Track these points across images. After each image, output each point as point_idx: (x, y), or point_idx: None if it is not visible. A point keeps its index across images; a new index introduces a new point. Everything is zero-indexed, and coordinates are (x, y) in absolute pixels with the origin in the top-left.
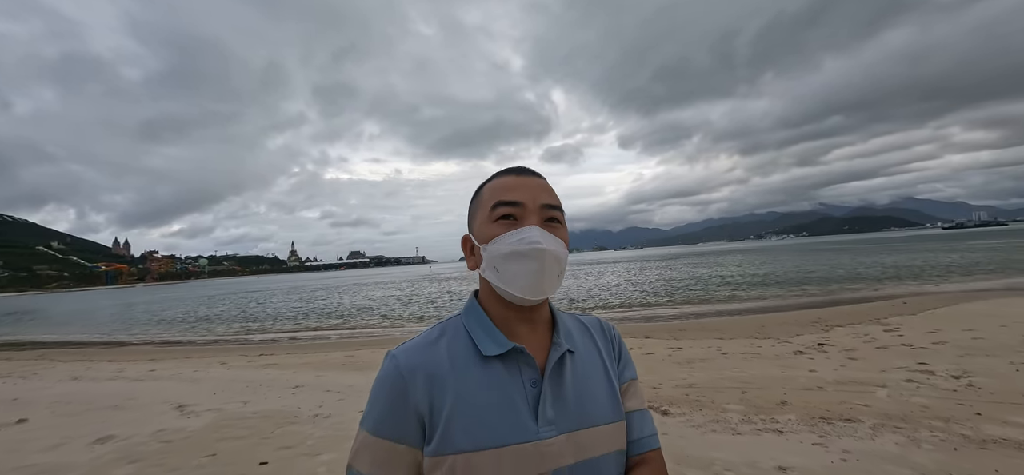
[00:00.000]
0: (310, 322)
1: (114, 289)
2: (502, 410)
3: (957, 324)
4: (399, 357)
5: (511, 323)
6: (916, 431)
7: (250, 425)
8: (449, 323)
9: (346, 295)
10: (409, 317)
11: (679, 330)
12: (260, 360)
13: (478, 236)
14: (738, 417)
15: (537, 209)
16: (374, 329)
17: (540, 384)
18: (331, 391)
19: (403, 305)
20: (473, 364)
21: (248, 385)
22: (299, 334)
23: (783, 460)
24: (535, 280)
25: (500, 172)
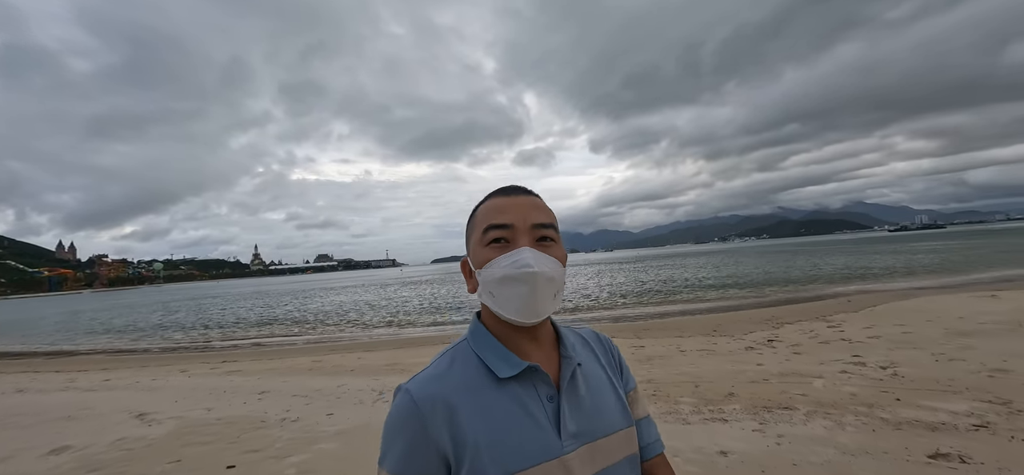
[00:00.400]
0: (275, 328)
1: (58, 296)
2: (528, 431)
3: (891, 320)
4: (413, 391)
5: (518, 342)
6: (843, 416)
7: (215, 431)
8: (457, 349)
9: (313, 299)
10: (379, 321)
11: (643, 330)
12: (223, 367)
13: (474, 260)
14: (689, 408)
15: (528, 229)
16: (342, 334)
17: (557, 399)
18: (299, 396)
19: (373, 310)
20: (489, 388)
21: (211, 392)
22: (263, 340)
23: (725, 445)
24: (528, 303)
25: (492, 193)
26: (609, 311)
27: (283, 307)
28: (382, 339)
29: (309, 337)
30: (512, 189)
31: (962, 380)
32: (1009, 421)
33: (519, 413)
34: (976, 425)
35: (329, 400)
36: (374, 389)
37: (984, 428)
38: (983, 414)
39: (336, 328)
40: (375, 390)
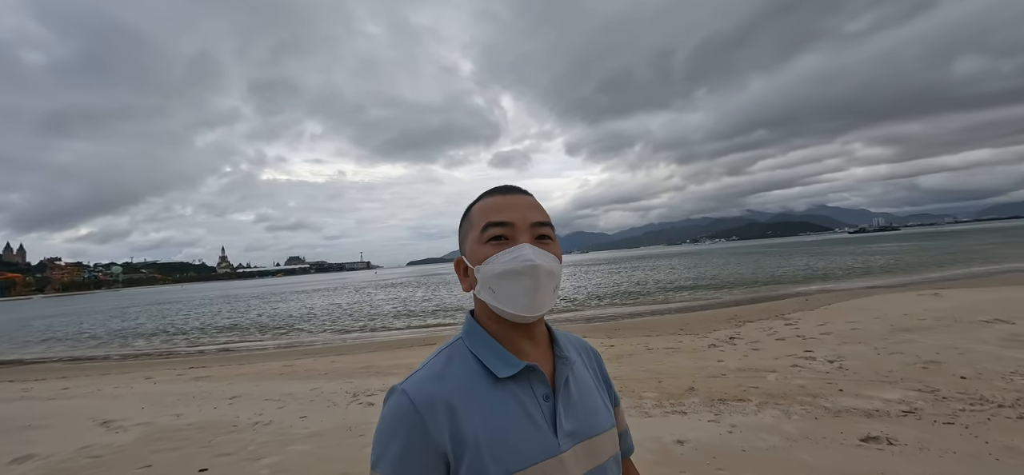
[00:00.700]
0: (244, 332)
1: (6, 301)
2: (526, 430)
3: (843, 317)
4: (410, 391)
5: (514, 340)
6: (791, 406)
7: (186, 436)
8: (453, 348)
9: (284, 303)
10: (352, 325)
11: (614, 329)
12: (190, 373)
13: (471, 257)
14: (651, 402)
15: (528, 227)
16: (315, 338)
17: (553, 398)
18: (271, 399)
19: (346, 313)
20: (487, 387)
21: (180, 398)
22: (232, 345)
23: (682, 435)
24: (531, 297)
25: (488, 192)
26: (582, 312)
27: (252, 311)
28: (356, 343)
29: (280, 342)
30: (509, 188)
31: (898, 371)
32: (934, 407)
33: (518, 413)
34: (905, 411)
35: (302, 403)
36: (348, 392)
37: (912, 414)
38: (912, 401)
39: (309, 332)
40: (349, 392)
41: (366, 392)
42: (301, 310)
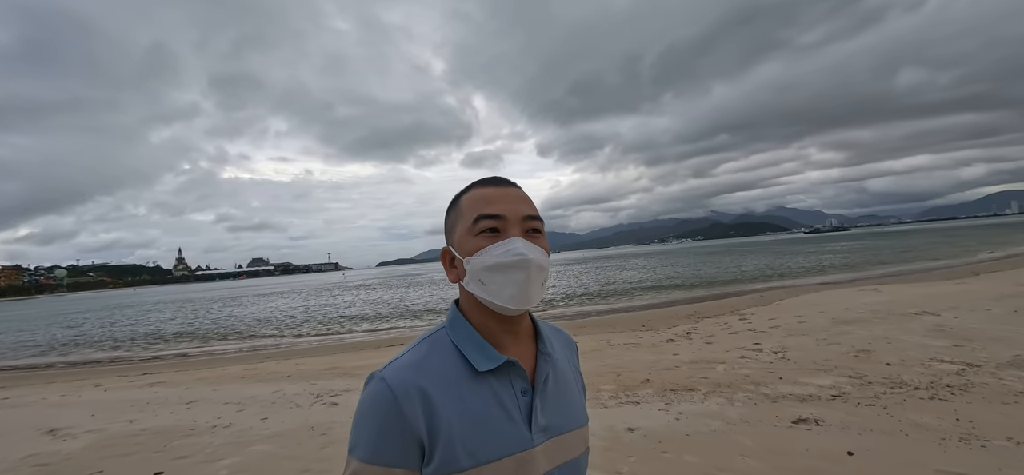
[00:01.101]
0: (203, 337)
1: None
2: (501, 423)
3: (791, 312)
4: (389, 377)
5: (496, 334)
6: (735, 394)
7: (139, 442)
8: (434, 337)
9: (246, 306)
10: (318, 327)
11: (580, 328)
12: (144, 379)
13: (460, 249)
14: (608, 395)
15: (519, 220)
16: (280, 340)
17: (531, 393)
18: (231, 403)
19: (312, 315)
20: (466, 379)
21: (133, 405)
22: (190, 350)
23: (633, 423)
24: (521, 290)
25: (477, 183)
26: (549, 312)
27: (211, 315)
28: (321, 345)
29: (242, 345)
30: (500, 180)
31: (833, 360)
32: (860, 391)
33: (494, 406)
34: (834, 395)
35: (264, 406)
36: (311, 393)
37: (840, 397)
38: (842, 387)
39: (272, 336)
40: (313, 393)
41: (330, 393)
42: (264, 313)
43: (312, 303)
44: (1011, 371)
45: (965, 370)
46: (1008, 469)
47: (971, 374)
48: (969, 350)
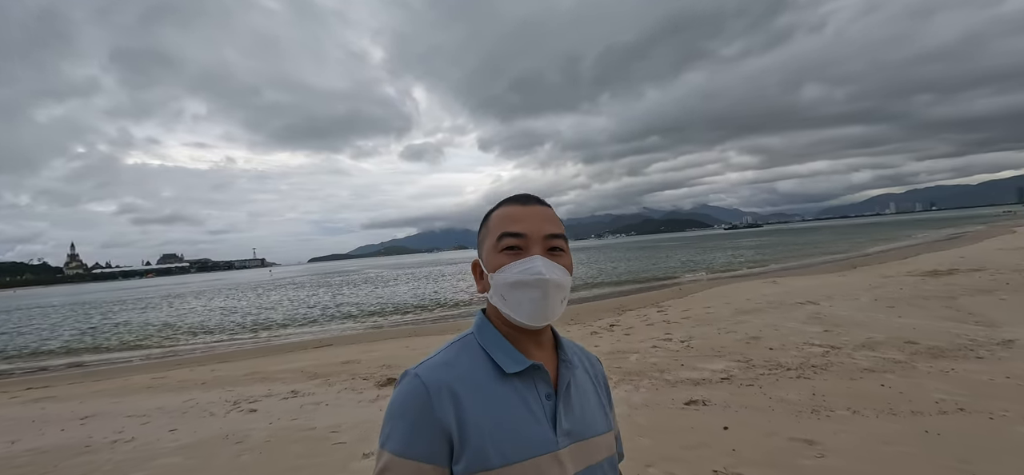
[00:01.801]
0: (101, 344)
1: None
2: (528, 424)
3: (703, 303)
4: (422, 375)
5: (522, 342)
6: (641, 381)
7: (21, 464)
8: (465, 341)
9: (154, 309)
10: (239, 329)
11: None
12: (28, 395)
13: (487, 264)
14: None
15: (541, 239)
16: (193, 346)
17: (554, 398)
18: (134, 416)
19: (233, 318)
20: (494, 381)
21: (15, 423)
22: (87, 359)
23: None
24: (538, 308)
25: (507, 200)
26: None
27: (112, 319)
28: (241, 349)
29: (150, 352)
30: (526, 198)
31: (729, 347)
32: (744, 373)
33: (520, 407)
34: (723, 378)
35: (172, 417)
36: (228, 400)
37: (727, 380)
38: (730, 370)
39: (184, 341)
40: (229, 401)
41: (249, 399)
42: (175, 316)
43: (232, 304)
44: (863, 351)
45: (829, 352)
46: (842, 433)
47: (833, 355)
48: (835, 334)
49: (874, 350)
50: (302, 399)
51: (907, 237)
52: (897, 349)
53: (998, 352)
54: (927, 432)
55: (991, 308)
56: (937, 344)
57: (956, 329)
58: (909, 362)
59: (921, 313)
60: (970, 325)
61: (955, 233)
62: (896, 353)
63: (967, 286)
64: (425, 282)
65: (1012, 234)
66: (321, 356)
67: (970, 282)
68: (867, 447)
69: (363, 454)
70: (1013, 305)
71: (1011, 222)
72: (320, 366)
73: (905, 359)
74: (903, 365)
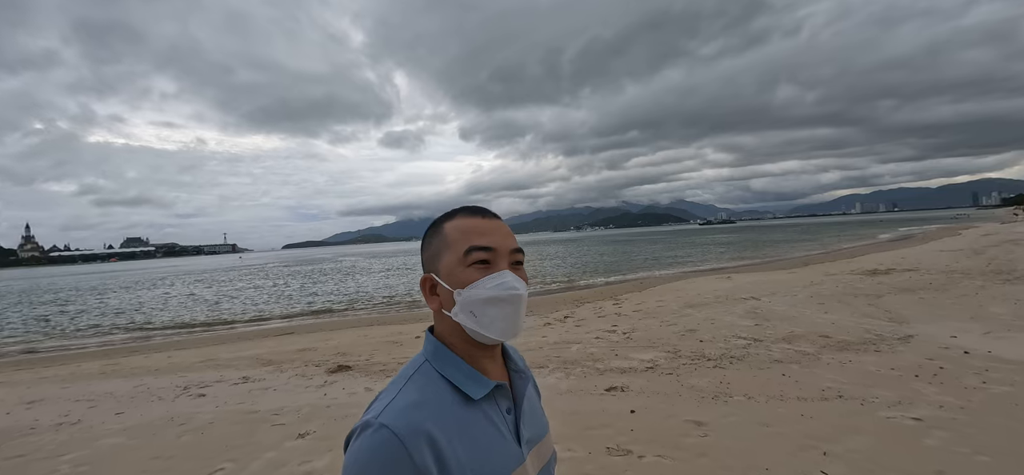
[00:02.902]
0: (57, 332)
1: None
2: (499, 444)
3: (657, 297)
4: (392, 424)
5: (478, 360)
6: (574, 369)
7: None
8: (421, 373)
9: (111, 295)
10: (198, 317)
11: None
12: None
13: (450, 279)
14: None
15: (507, 254)
16: (151, 333)
17: (514, 411)
18: (82, 400)
19: (196, 306)
20: (461, 409)
21: None
22: (38, 344)
23: None
24: (512, 323)
25: (461, 211)
26: None
27: (71, 306)
28: (198, 337)
29: (107, 339)
30: (486, 211)
31: (665, 339)
32: (669, 363)
33: (489, 428)
34: (648, 368)
35: (121, 401)
36: (178, 386)
37: (652, 369)
38: (657, 360)
39: (142, 328)
40: (180, 386)
41: (199, 384)
42: (135, 303)
43: (196, 291)
44: (780, 344)
45: (750, 344)
46: (731, 416)
47: (753, 347)
48: (763, 328)
49: (791, 343)
50: (252, 384)
51: (870, 236)
52: (810, 342)
53: (896, 346)
54: (802, 415)
55: (908, 306)
56: (847, 338)
57: (868, 324)
58: (816, 354)
59: (845, 309)
60: (882, 321)
61: (908, 233)
62: (808, 346)
63: (895, 285)
64: (400, 273)
65: (957, 236)
66: (279, 344)
67: (900, 281)
68: (747, 428)
69: (298, 434)
70: (929, 303)
71: (958, 225)
72: (275, 353)
73: (814, 352)
74: (810, 357)
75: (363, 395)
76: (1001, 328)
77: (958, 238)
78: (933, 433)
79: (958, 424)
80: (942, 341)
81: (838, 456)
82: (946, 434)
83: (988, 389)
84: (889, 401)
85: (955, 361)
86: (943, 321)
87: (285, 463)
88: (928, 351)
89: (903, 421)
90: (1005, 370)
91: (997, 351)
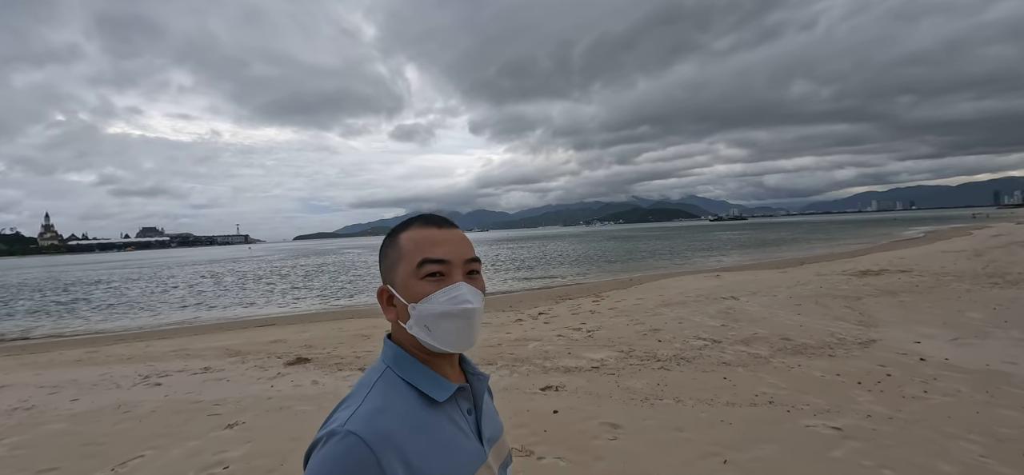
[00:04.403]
0: (64, 318)
1: None
2: (463, 444)
3: (637, 295)
4: (360, 431)
5: (438, 364)
6: (521, 367)
7: None
8: (384, 379)
9: (114, 286)
10: (189, 306)
11: None
12: None
13: (404, 292)
14: None
15: (462, 264)
16: (135, 323)
17: (475, 411)
18: (45, 387)
19: (198, 294)
20: (426, 412)
21: None
22: (33, 332)
23: None
24: (464, 336)
25: (416, 221)
26: None
27: (70, 293)
28: (178, 327)
29: (99, 327)
30: (441, 220)
31: (625, 338)
32: (616, 363)
33: (455, 431)
34: (594, 367)
35: (82, 388)
36: (140, 374)
37: (597, 369)
38: (606, 360)
39: (134, 317)
40: (141, 374)
41: (161, 373)
42: (138, 291)
43: (199, 283)
44: (737, 346)
45: (708, 345)
46: (649, 420)
47: (708, 349)
48: (728, 329)
49: (748, 345)
50: (210, 375)
51: (882, 234)
52: (768, 345)
53: (853, 351)
54: (722, 421)
55: (884, 309)
56: (807, 341)
57: (835, 328)
58: (768, 358)
59: (819, 312)
60: (850, 324)
61: (919, 233)
62: (764, 349)
63: (880, 287)
64: None
65: (966, 237)
66: (254, 335)
67: (886, 283)
68: (660, 433)
69: (227, 424)
70: (907, 306)
71: (971, 225)
72: (246, 344)
73: (767, 355)
74: (761, 360)
75: (308, 388)
76: (970, 334)
77: (967, 238)
78: (847, 444)
79: (878, 435)
80: (903, 347)
81: (737, 465)
82: (859, 445)
83: (927, 399)
84: (818, 409)
85: (906, 368)
86: (913, 326)
87: (201, 452)
88: (883, 357)
89: (822, 431)
90: (954, 379)
91: (955, 359)
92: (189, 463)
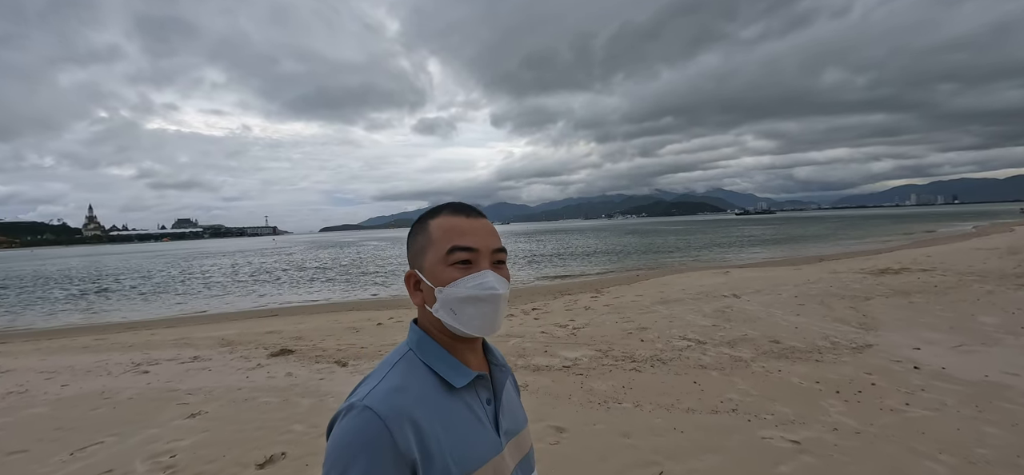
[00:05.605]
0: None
1: None
2: (478, 432)
3: (637, 291)
4: (376, 406)
5: (460, 351)
6: None
7: None
8: (405, 361)
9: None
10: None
11: None
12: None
13: (432, 278)
14: None
15: (489, 253)
16: (152, 310)
17: (494, 402)
18: (44, 372)
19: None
20: (443, 396)
21: None
22: (62, 312)
23: None
24: (489, 321)
25: (445, 209)
26: None
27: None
28: (184, 316)
29: (117, 317)
30: (470, 209)
31: (608, 337)
32: (590, 363)
33: (471, 418)
34: (566, 366)
35: (76, 374)
36: (133, 362)
37: (568, 369)
38: (581, 360)
39: (155, 303)
40: (133, 362)
41: (150, 361)
42: (165, 281)
43: (217, 276)
44: (721, 348)
45: (691, 346)
46: (599, 424)
47: (689, 351)
48: (718, 329)
49: (733, 347)
50: (196, 364)
51: (920, 231)
52: (754, 347)
53: (842, 356)
54: (675, 428)
55: (891, 310)
56: (797, 345)
57: (831, 330)
58: (749, 361)
59: (820, 312)
60: (850, 327)
61: (968, 228)
62: (748, 351)
63: (895, 286)
64: None
65: (1009, 233)
66: (252, 325)
67: (903, 282)
68: (604, 438)
69: (191, 414)
70: (916, 309)
71: (1013, 220)
72: (241, 335)
73: (749, 358)
74: (741, 364)
75: (280, 380)
76: (977, 341)
77: (1006, 235)
78: (799, 459)
79: (837, 451)
80: (899, 353)
81: None
82: (813, 461)
83: (906, 412)
84: (782, 419)
85: (894, 377)
86: (917, 330)
87: (157, 440)
88: (873, 364)
89: (778, 443)
90: (943, 391)
91: (953, 368)
92: (142, 450)
